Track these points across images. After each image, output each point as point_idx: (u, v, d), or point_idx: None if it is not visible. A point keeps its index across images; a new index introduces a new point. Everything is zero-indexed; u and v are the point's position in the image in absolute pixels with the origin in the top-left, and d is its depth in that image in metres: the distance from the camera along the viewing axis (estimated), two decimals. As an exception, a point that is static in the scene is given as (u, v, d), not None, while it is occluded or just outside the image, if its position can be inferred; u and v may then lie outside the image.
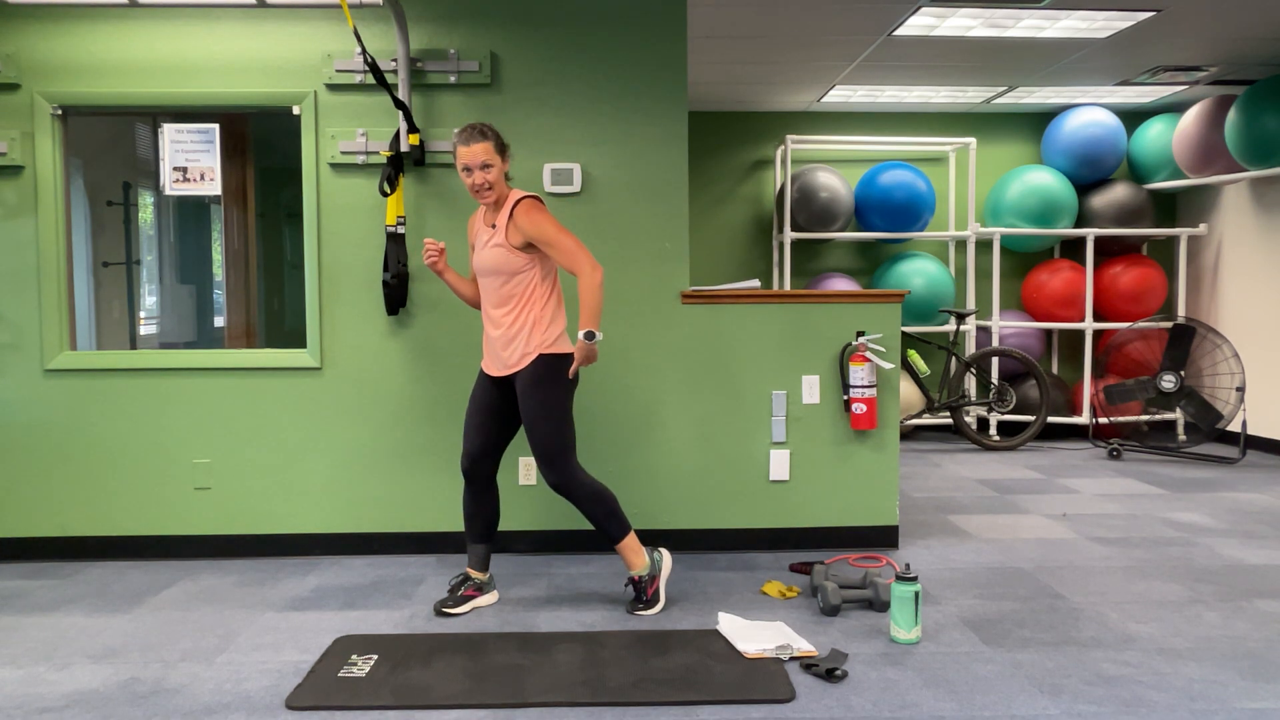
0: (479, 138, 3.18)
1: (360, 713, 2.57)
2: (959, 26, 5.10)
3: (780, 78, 6.23)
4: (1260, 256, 6.60)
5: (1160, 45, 5.48)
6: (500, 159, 3.22)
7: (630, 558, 3.33)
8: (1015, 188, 6.87)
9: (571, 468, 3.26)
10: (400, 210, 3.96)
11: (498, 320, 3.28)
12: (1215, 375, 6.78)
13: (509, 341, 3.25)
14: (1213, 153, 6.36)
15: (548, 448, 3.23)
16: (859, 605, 3.40)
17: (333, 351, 4.07)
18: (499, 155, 3.21)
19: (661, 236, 4.10)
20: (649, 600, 3.33)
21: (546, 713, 2.57)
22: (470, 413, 3.38)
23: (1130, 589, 3.58)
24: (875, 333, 4.12)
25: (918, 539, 4.32)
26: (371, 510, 4.11)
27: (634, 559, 3.34)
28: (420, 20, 4.03)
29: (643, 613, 3.31)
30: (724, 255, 7.39)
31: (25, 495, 4.06)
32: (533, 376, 3.23)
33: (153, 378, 4.05)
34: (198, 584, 3.74)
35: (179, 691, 2.72)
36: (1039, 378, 6.66)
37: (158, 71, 4.02)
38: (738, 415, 4.12)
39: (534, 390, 3.23)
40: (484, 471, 3.38)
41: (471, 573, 3.44)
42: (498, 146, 3.21)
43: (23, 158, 3.99)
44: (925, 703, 2.60)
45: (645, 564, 3.34)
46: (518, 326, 3.24)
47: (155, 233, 5.82)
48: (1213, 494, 5.23)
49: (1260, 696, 2.64)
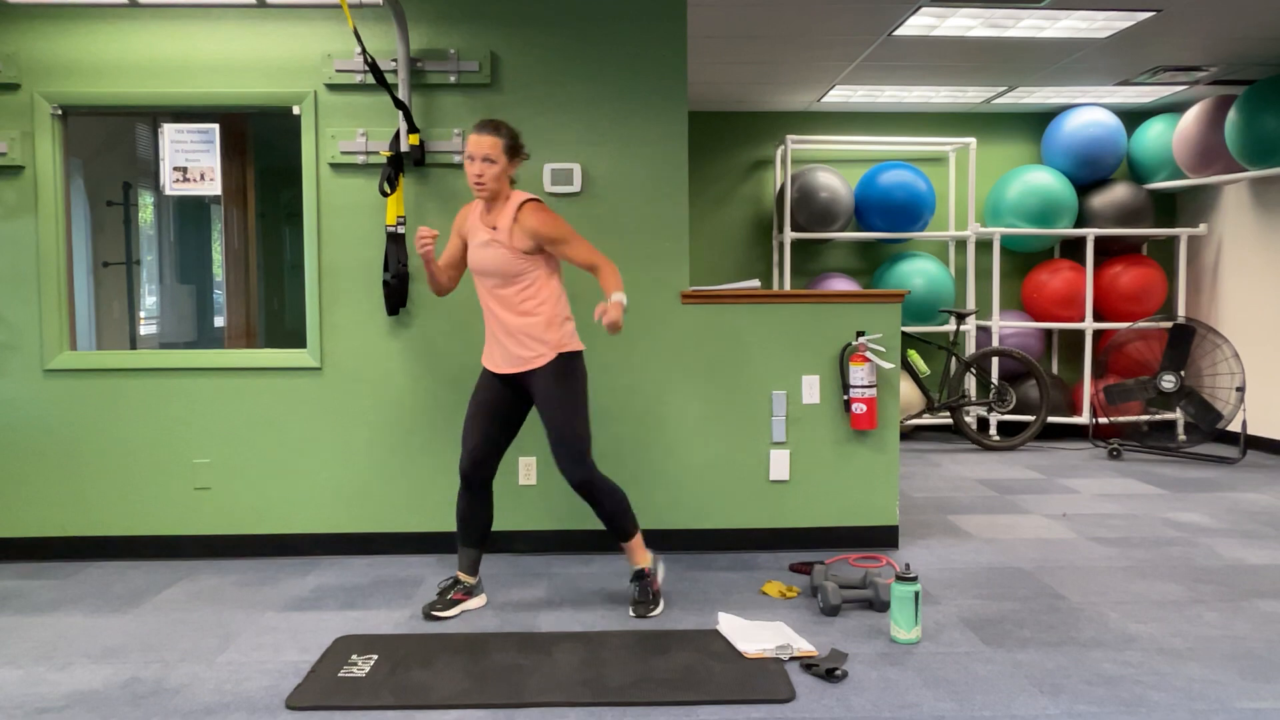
0: (490, 130, 3.19)
1: (360, 713, 2.57)
2: (959, 26, 5.10)
3: (780, 78, 6.23)
4: (1260, 256, 6.60)
5: (1160, 45, 5.48)
6: (505, 159, 3.21)
7: (637, 555, 3.37)
8: (1015, 188, 6.87)
9: (592, 465, 3.27)
10: (400, 210, 3.96)
11: (506, 320, 3.26)
12: (1215, 375, 6.78)
13: (523, 340, 3.24)
14: (1213, 153, 6.36)
15: (573, 444, 3.23)
16: (859, 605, 3.40)
17: (333, 351, 4.07)
18: (505, 155, 3.20)
19: (661, 236, 4.10)
20: (653, 599, 3.34)
21: (546, 713, 2.57)
22: (472, 414, 3.36)
23: (1130, 589, 3.58)
24: (875, 333, 4.12)
25: (918, 539, 4.32)
26: (371, 510, 4.11)
27: (640, 556, 3.38)
28: (420, 20, 4.03)
29: (653, 613, 3.32)
30: (724, 255, 7.39)
31: (25, 495, 4.06)
32: (553, 374, 3.23)
33: (153, 378, 4.05)
34: (198, 584, 3.74)
35: (179, 691, 2.72)
36: (1039, 378, 6.66)
37: (158, 71, 4.02)
38: (738, 415, 4.12)
39: (555, 388, 3.23)
40: (484, 475, 3.36)
41: (461, 576, 3.43)
42: (507, 146, 3.21)
43: (23, 158, 3.99)
44: (925, 703, 2.60)
45: (649, 558, 3.38)
46: (532, 325, 3.23)
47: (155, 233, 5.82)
48: (1213, 494, 5.23)
49: (1260, 696, 2.64)
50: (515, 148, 3.24)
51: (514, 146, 3.24)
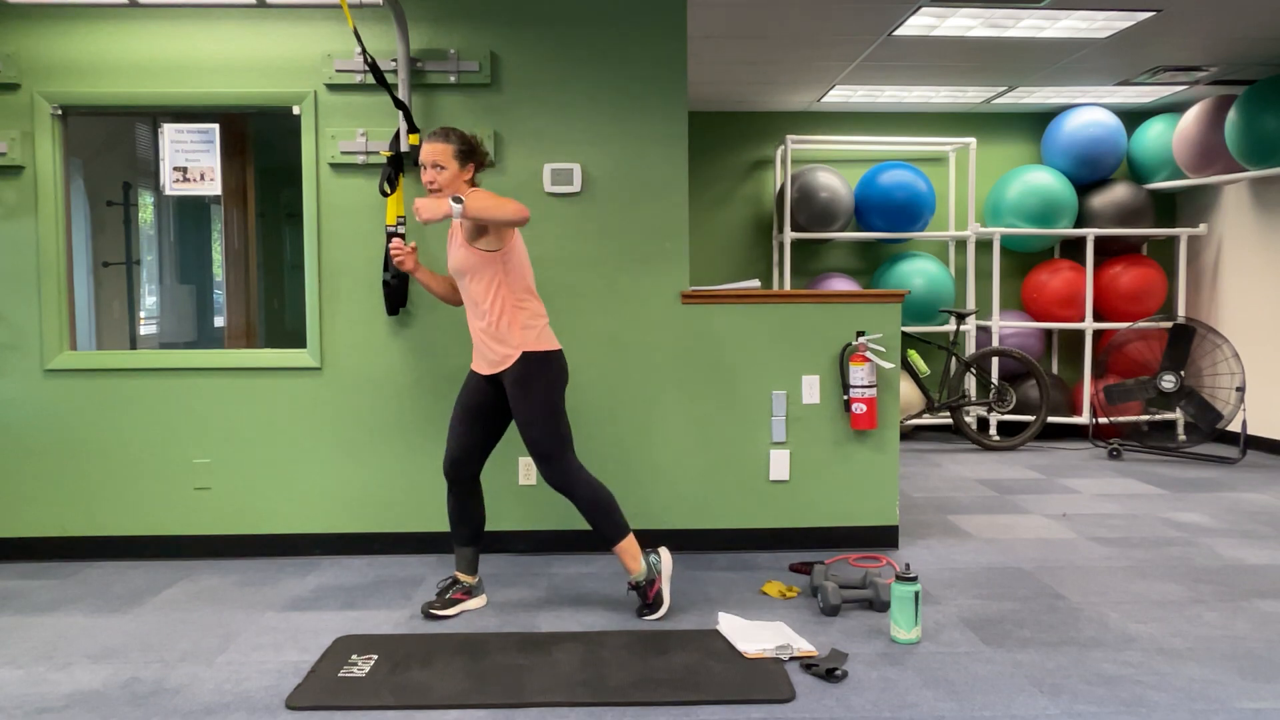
0: (439, 138, 3.20)
1: (360, 713, 2.57)
2: (959, 26, 5.10)
3: (780, 78, 6.23)
4: (1260, 256, 6.60)
5: (1160, 45, 5.48)
6: (457, 164, 3.20)
7: (627, 561, 3.31)
8: (1015, 188, 6.87)
9: (570, 464, 3.25)
10: (400, 210, 3.96)
11: (475, 321, 3.27)
12: (1215, 375, 6.78)
13: (492, 339, 3.24)
14: (1213, 153, 6.36)
15: (543, 446, 3.23)
16: (859, 605, 3.40)
17: (333, 351, 4.08)
18: (455, 160, 3.19)
19: (661, 236, 4.10)
20: (652, 604, 3.32)
21: (546, 713, 2.57)
22: (456, 415, 3.35)
23: (1130, 589, 3.58)
24: (875, 333, 4.12)
25: (918, 539, 4.32)
26: (371, 510, 4.11)
27: (631, 563, 3.31)
28: (420, 20, 4.03)
29: (649, 617, 3.30)
30: (724, 255, 7.39)
31: (25, 495, 4.06)
32: (520, 375, 3.23)
33: (153, 378, 4.05)
34: (198, 584, 3.74)
35: (179, 691, 2.72)
36: (1039, 378, 6.66)
37: (158, 71, 4.02)
38: (738, 415, 4.12)
39: (522, 389, 3.22)
40: (467, 474, 3.36)
41: (460, 576, 3.42)
42: (457, 152, 3.20)
43: (23, 158, 3.99)
44: (925, 703, 2.60)
45: (642, 569, 3.31)
46: (497, 324, 3.23)
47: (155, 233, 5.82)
48: (1213, 494, 5.23)
49: (1260, 696, 2.64)
50: (468, 153, 3.23)
51: (466, 152, 3.22)
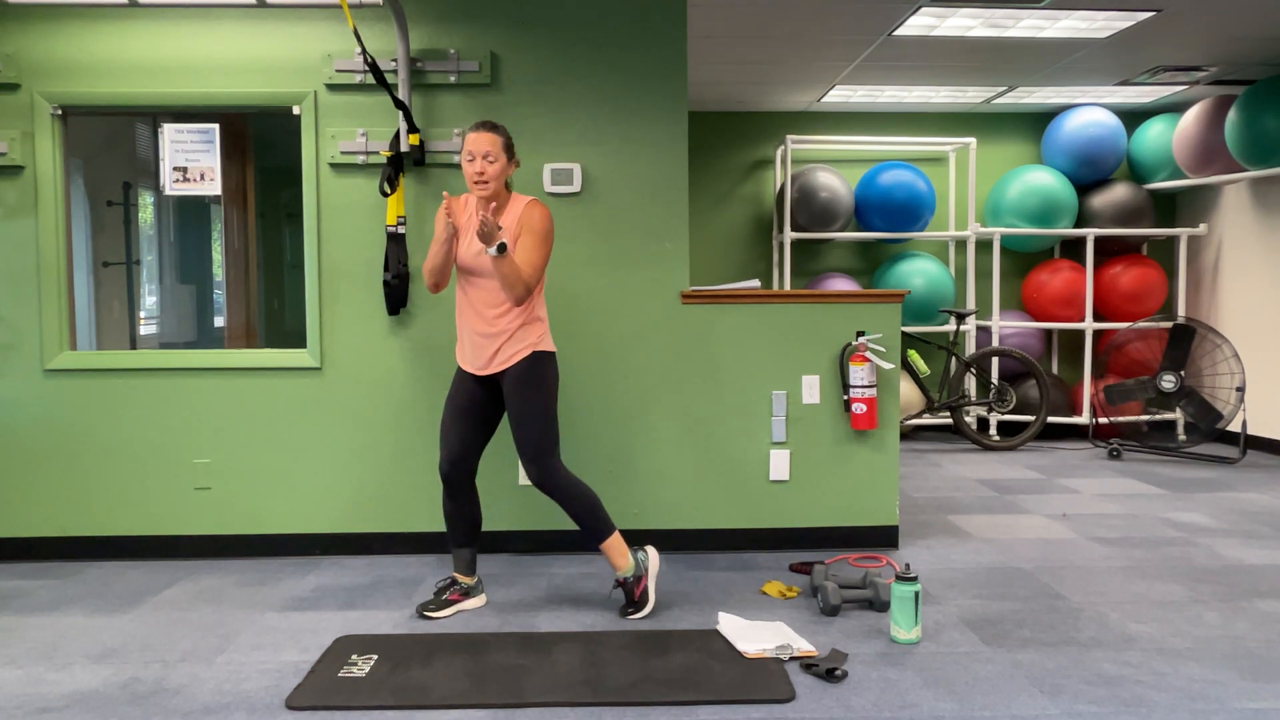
0: (489, 129, 3.19)
1: (360, 713, 2.57)
2: (959, 26, 5.10)
3: (780, 78, 6.23)
4: (1260, 256, 6.60)
5: (1160, 45, 5.48)
6: (505, 157, 3.21)
7: (614, 559, 3.31)
8: (1015, 188, 6.87)
9: (556, 465, 3.26)
10: (400, 210, 3.96)
11: (491, 319, 3.25)
12: (1215, 375, 6.78)
13: (502, 340, 3.24)
14: (1213, 153, 6.36)
15: (535, 445, 3.23)
16: (859, 605, 3.40)
17: (333, 351, 4.07)
18: (504, 153, 3.21)
19: (661, 236, 4.10)
20: (638, 602, 3.32)
21: (546, 713, 2.57)
22: (449, 415, 3.35)
23: (1130, 589, 3.58)
24: (875, 333, 4.12)
25: (918, 539, 4.32)
26: (371, 510, 4.11)
27: (618, 560, 3.31)
28: (420, 20, 4.03)
29: (633, 615, 3.30)
30: (724, 255, 7.39)
31: (25, 495, 4.06)
32: (525, 373, 3.23)
33: (153, 378, 4.05)
34: (198, 584, 3.74)
35: (179, 691, 2.72)
36: (1039, 378, 6.66)
37: (158, 71, 4.02)
38: (738, 415, 4.12)
39: (524, 386, 3.23)
40: (463, 474, 3.35)
41: (458, 577, 3.42)
42: (505, 145, 3.21)
43: (23, 158, 3.99)
44: (925, 703, 2.60)
45: (630, 565, 3.31)
46: (514, 326, 3.24)
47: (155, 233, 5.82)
48: (1213, 494, 5.23)
49: (1260, 696, 2.64)
50: (511, 147, 3.25)
51: (510, 146, 3.25)
